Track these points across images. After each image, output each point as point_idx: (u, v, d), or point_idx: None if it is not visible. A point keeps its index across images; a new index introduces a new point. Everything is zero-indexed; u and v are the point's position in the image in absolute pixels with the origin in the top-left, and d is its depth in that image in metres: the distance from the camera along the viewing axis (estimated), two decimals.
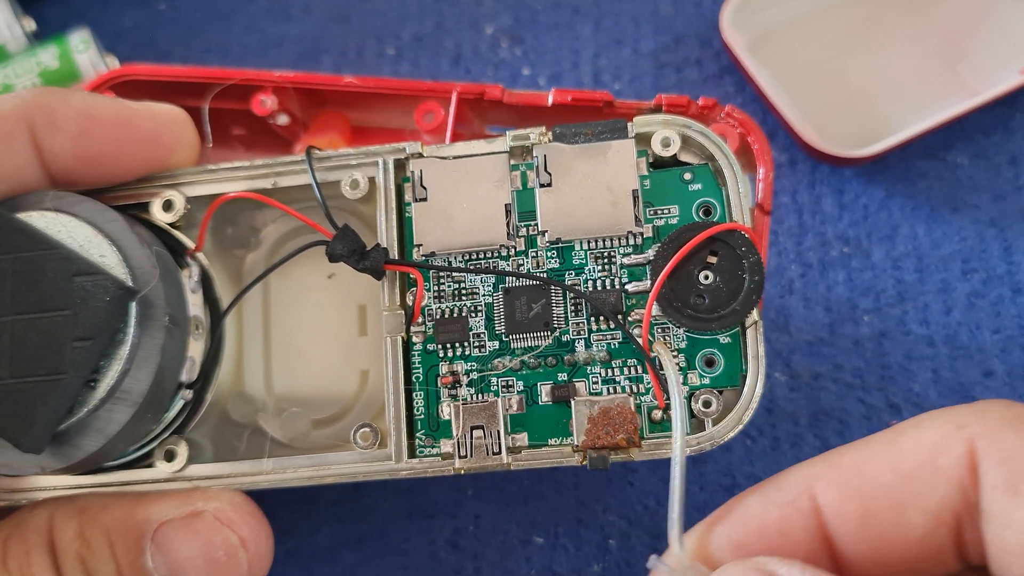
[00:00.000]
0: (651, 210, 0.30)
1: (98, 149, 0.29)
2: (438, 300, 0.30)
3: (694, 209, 0.29)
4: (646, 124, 0.30)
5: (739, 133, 0.33)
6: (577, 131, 0.30)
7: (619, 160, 0.29)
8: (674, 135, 0.29)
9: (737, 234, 0.28)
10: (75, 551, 0.27)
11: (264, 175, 0.30)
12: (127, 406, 0.26)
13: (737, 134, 0.33)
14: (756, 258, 0.28)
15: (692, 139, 0.29)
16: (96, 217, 0.27)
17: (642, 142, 0.30)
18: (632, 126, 0.29)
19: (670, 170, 0.30)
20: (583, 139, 0.29)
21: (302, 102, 0.38)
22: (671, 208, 0.30)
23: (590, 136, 0.29)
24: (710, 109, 0.34)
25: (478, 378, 0.29)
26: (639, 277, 0.29)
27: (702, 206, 0.30)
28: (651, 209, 0.30)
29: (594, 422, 0.28)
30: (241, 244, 0.34)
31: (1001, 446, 0.23)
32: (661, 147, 0.29)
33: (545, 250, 0.30)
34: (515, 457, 0.28)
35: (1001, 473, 0.23)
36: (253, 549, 0.28)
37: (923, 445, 0.24)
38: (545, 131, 0.30)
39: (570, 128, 0.30)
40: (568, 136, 0.30)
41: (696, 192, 0.30)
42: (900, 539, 0.24)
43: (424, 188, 0.30)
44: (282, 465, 0.29)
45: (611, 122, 0.30)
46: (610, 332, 0.29)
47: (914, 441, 0.25)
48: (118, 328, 0.26)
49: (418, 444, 0.29)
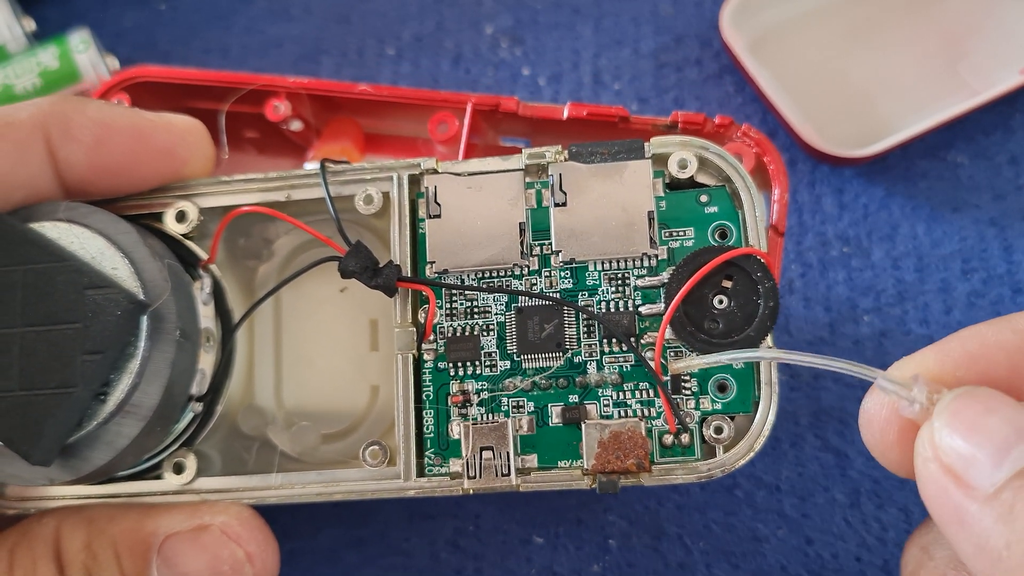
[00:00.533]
0: (666, 232, 0.29)
1: (113, 159, 0.29)
2: (450, 318, 0.29)
3: (710, 232, 0.29)
4: (663, 145, 0.29)
5: (755, 153, 0.33)
6: (593, 150, 0.29)
7: (635, 181, 0.29)
8: (691, 157, 0.29)
9: (753, 259, 0.28)
10: (81, 562, 0.27)
11: (278, 188, 0.30)
12: (136, 420, 0.26)
13: (753, 154, 0.33)
14: (771, 284, 0.28)
15: (709, 160, 0.29)
16: (109, 229, 0.27)
17: (659, 162, 0.29)
18: (649, 147, 0.29)
19: (686, 192, 0.29)
20: (599, 158, 0.29)
21: (315, 108, 0.38)
22: (687, 231, 0.29)
23: (606, 156, 0.29)
24: (726, 128, 0.33)
25: (489, 398, 0.29)
26: (653, 300, 0.29)
27: (718, 229, 0.29)
28: (666, 231, 0.29)
29: (604, 446, 0.28)
30: (254, 255, 0.34)
31: None
32: (678, 168, 0.29)
33: (559, 270, 0.29)
34: (524, 479, 0.28)
35: None
36: (259, 564, 0.28)
37: None
38: (561, 149, 0.29)
39: (586, 147, 0.29)
40: (584, 155, 0.29)
41: (712, 215, 0.29)
42: None
43: (438, 204, 0.29)
44: (291, 480, 0.29)
45: (628, 142, 0.29)
46: (622, 355, 0.29)
47: None
48: (129, 342, 0.26)
49: (427, 463, 0.29)
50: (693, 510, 0.38)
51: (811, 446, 0.39)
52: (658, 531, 0.38)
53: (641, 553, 0.38)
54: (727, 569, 0.37)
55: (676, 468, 0.28)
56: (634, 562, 0.38)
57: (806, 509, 0.38)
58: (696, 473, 0.28)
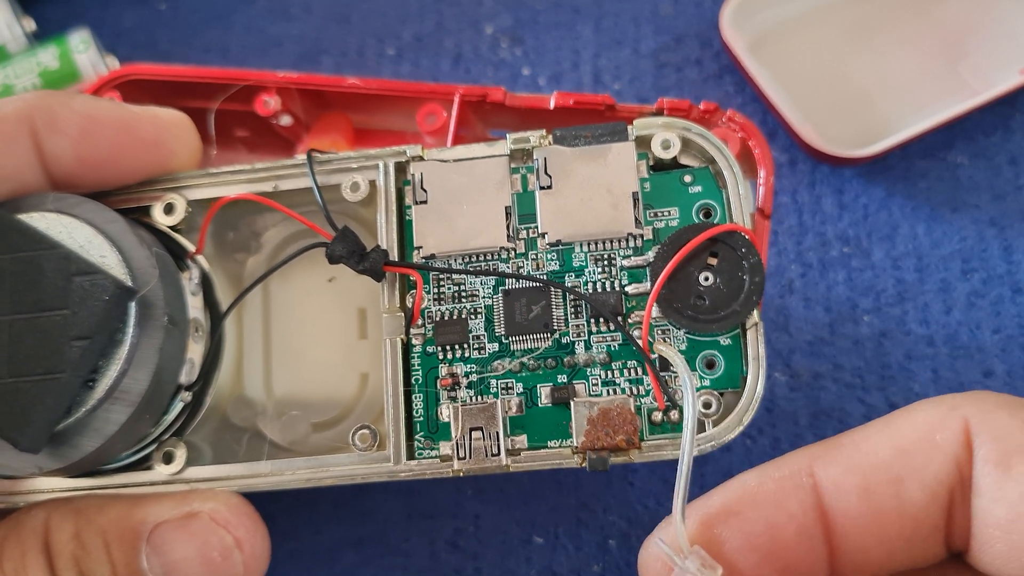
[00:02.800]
0: (651, 212, 0.29)
1: (99, 152, 0.29)
2: (438, 302, 0.30)
3: (694, 211, 0.29)
4: (646, 127, 0.29)
5: (740, 137, 0.33)
6: (577, 134, 0.29)
7: (619, 162, 0.29)
8: (674, 137, 0.29)
9: (737, 235, 0.28)
10: (70, 552, 0.27)
11: (265, 178, 0.30)
12: (125, 406, 0.26)
13: (738, 138, 0.33)
14: (756, 259, 0.28)
15: (692, 142, 0.29)
16: (96, 218, 0.27)
17: (642, 145, 0.30)
18: (632, 129, 0.29)
19: (670, 172, 0.30)
20: (583, 142, 0.29)
21: (305, 103, 0.38)
22: (671, 210, 0.29)
23: (590, 139, 0.29)
24: (711, 113, 0.34)
25: (477, 380, 0.29)
26: (639, 279, 0.29)
27: (702, 208, 0.29)
28: (651, 211, 0.30)
29: (593, 423, 0.28)
30: (242, 248, 0.34)
31: (994, 424, 0.24)
32: (661, 149, 0.29)
33: (545, 252, 0.30)
34: (514, 459, 0.28)
35: (994, 449, 0.23)
36: (249, 550, 0.28)
37: (920, 424, 0.25)
38: (545, 134, 0.30)
39: (570, 131, 0.29)
40: (568, 139, 0.29)
41: (696, 195, 0.29)
42: (897, 514, 0.24)
43: (424, 191, 0.30)
44: (280, 467, 0.29)
45: (611, 125, 0.29)
46: (610, 334, 0.29)
47: (911, 421, 0.25)
48: (117, 328, 0.26)
49: (417, 446, 0.29)
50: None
51: None
52: None
53: None
54: None
55: (666, 444, 0.28)
56: (634, 562, 0.38)
57: None
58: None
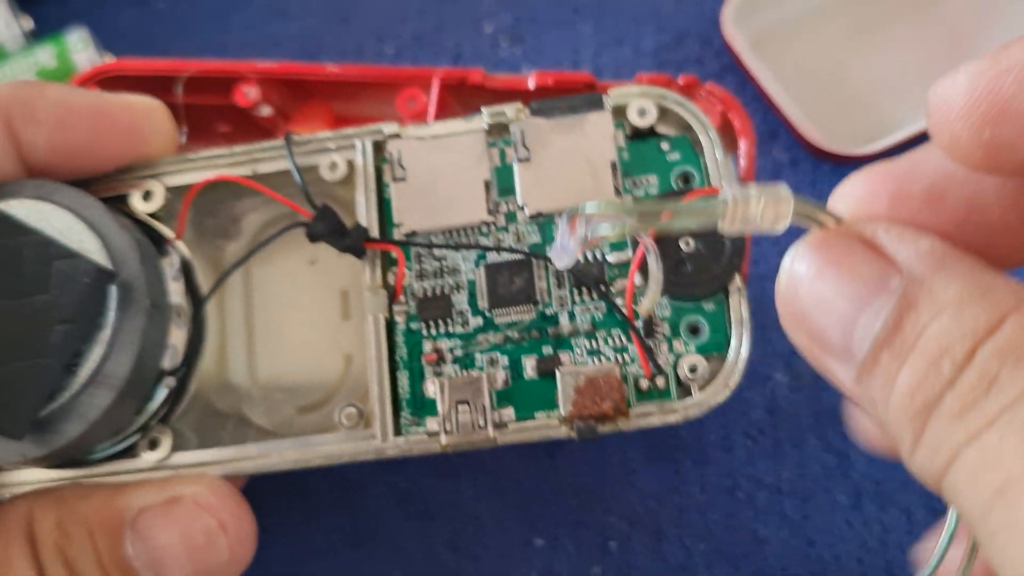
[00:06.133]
0: (630, 181, 0.30)
1: (75, 140, 0.29)
2: (420, 279, 0.30)
3: (673, 178, 0.30)
4: (622, 96, 0.30)
5: (720, 111, 0.33)
6: (554, 105, 0.30)
7: (596, 132, 0.29)
8: (650, 104, 0.29)
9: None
10: (54, 541, 0.27)
11: (243, 162, 0.30)
12: (108, 390, 0.26)
13: (718, 111, 0.33)
14: None
15: (669, 110, 0.29)
16: (75, 204, 0.27)
17: (619, 115, 0.30)
18: (608, 98, 0.30)
19: (648, 141, 0.30)
20: (559, 113, 0.29)
21: (285, 93, 0.38)
22: (650, 178, 0.30)
23: (566, 110, 0.29)
24: (691, 87, 0.34)
25: (463, 355, 0.29)
26: (620, 247, 0.29)
27: (681, 175, 0.30)
28: (630, 180, 0.30)
29: (580, 392, 0.28)
30: (222, 235, 0.34)
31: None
32: (637, 117, 0.29)
33: (526, 224, 0.30)
34: (501, 432, 0.28)
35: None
36: (234, 533, 0.28)
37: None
38: (522, 107, 0.30)
39: (547, 103, 0.30)
40: (545, 111, 0.30)
41: (674, 162, 0.30)
42: None
43: (403, 168, 0.30)
44: (267, 449, 0.29)
45: (587, 96, 0.30)
46: (593, 303, 0.29)
47: None
48: (98, 312, 0.26)
49: (403, 423, 0.29)
50: (693, 511, 0.38)
51: (812, 447, 0.38)
52: (658, 532, 0.38)
53: (641, 555, 0.38)
54: (728, 571, 0.37)
55: (653, 410, 0.28)
56: (634, 564, 0.37)
57: (807, 511, 0.38)
58: (672, 413, 0.28)
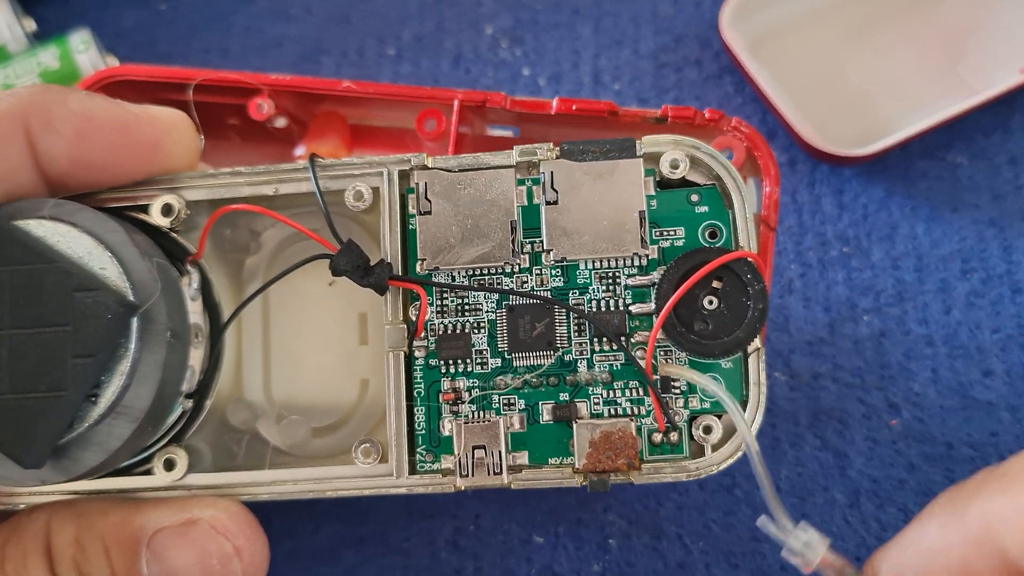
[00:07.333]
0: (657, 231, 0.29)
1: (95, 153, 0.28)
2: (441, 315, 0.29)
3: (700, 232, 0.29)
4: (655, 144, 0.29)
5: (745, 147, 0.33)
6: (585, 148, 0.29)
7: (627, 180, 0.29)
8: (683, 157, 0.29)
9: (743, 261, 0.28)
10: (71, 556, 0.27)
11: (266, 181, 0.30)
12: (128, 421, 0.26)
13: (743, 147, 0.33)
14: (761, 286, 0.28)
15: (700, 160, 0.29)
16: (96, 228, 0.26)
17: (650, 161, 0.29)
18: (641, 145, 0.29)
19: (677, 191, 0.29)
20: (591, 156, 0.29)
21: (299, 102, 0.37)
22: (677, 230, 0.29)
23: (598, 154, 0.29)
24: (716, 121, 0.33)
25: (480, 395, 0.29)
26: (643, 298, 0.29)
27: (708, 228, 0.29)
28: (657, 230, 0.29)
29: (595, 446, 0.28)
30: (241, 248, 0.33)
31: None
32: (670, 169, 0.29)
33: (550, 268, 0.29)
34: (515, 477, 0.28)
35: None
36: (248, 559, 0.28)
37: None
38: (552, 147, 0.29)
39: (578, 145, 0.29)
40: (576, 153, 0.29)
41: (703, 215, 0.29)
42: None
43: (428, 201, 0.29)
44: (282, 477, 0.29)
45: (620, 141, 0.29)
46: (612, 353, 0.29)
47: None
48: (119, 343, 0.25)
49: (419, 460, 0.29)
50: (693, 510, 0.38)
51: (810, 446, 0.39)
52: (658, 531, 0.38)
53: (641, 553, 0.38)
54: (727, 569, 0.37)
55: (665, 466, 0.28)
56: (634, 562, 0.38)
57: (805, 509, 0.38)
58: (685, 472, 0.28)
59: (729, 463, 0.28)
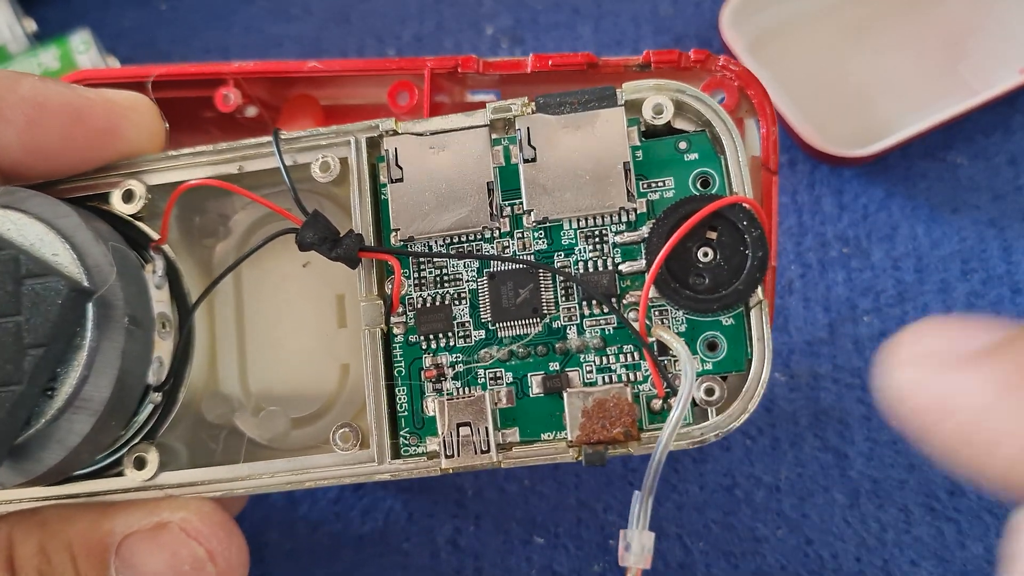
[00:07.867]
0: (644, 183, 0.27)
1: (48, 141, 0.27)
2: (419, 288, 0.28)
3: (691, 181, 0.27)
4: (636, 90, 0.27)
5: (737, 86, 0.31)
6: (562, 100, 0.27)
7: (608, 130, 0.27)
8: (667, 101, 0.27)
9: (738, 207, 0.26)
10: (35, 567, 0.26)
11: (229, 160, 0.28)
12: (88, 415, 0.24)
13: (735, 87, 0.31)
14: (759, 232, 0.26)
15: (687, 104, 0.27)
16: (48, 213, 0.25)
17: (632, 110, 0.27)
18: (621, 93, 0.27)
19: (664, 139, 0.28)
20: (569, 109, 0.27)
21: (269, 88, 0.36)
22: (666, 180, 0.27)
23: (576, 105, 0.27)
24: (703, 62, 0.31)
25: (464, 370, 0.27)
26: (634, 256, 0.27)
27: (699, 177, 0.27)
28: (644, 182, 0.27)
29: (588, 415, 0.26)
30: (210, 233, 0.32)
31: None
32: (653, 115, 0.27)
33: (532, 230, 0.28)
34: (505, 455, 0.26)
35: None
36: (223, 562, 0.26)
37: None
38: (528, 102, 0.27)
39: (554, 97, 0.27)
40: (552, 106, 0.27)
41: (692, 162, 0.27)
42: None
43: (400, 168, 0.28)
44: (259, 470, 0.27)
45: (599, 89, 0.27)
46: (604, 317, 0.27)
47: None
48: (74, 332, 0.24)
49: (402, 443, 0.27)
50: (692, 510, 0.38)
51: (811, 446, 0.39)
52: (657, 531, 0.38)
53: None
54: (726, 569, 0.37)
55: None
56: None
57: (805, 509, 0.38)
58: (689, 439, 0.26)
59: (735, 425, 0.26)
